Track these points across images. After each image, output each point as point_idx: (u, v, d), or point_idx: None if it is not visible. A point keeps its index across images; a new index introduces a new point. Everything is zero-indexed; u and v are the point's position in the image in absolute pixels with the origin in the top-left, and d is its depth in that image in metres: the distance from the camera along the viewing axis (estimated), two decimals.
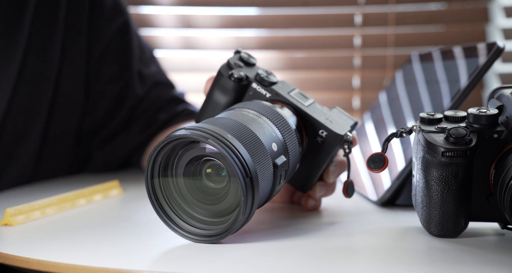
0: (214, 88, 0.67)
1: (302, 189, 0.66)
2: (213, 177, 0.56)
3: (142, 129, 0.95)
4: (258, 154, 0.53)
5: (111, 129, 0.95)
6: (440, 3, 1.33)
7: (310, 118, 0.64)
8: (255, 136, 0.55)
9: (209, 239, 0.54)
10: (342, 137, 0.63)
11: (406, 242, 0.56)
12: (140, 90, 0.96)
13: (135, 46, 0.97)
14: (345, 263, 0.50)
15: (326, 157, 0.64)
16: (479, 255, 0.52)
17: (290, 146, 0.59)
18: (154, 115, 0.96)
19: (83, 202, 0.72)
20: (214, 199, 0.55)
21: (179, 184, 0.56)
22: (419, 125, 0.58)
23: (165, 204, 0.55)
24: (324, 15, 1.33)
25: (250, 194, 0.52)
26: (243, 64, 0.69)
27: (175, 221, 0.55)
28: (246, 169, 0.51)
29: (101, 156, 0.95)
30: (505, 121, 0.55)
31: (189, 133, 0.52)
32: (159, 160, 0.55)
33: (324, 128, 0.63)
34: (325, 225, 0.64)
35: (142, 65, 0.97)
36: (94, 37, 0.93)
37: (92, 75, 0.94)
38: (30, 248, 0.55)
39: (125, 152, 0.96)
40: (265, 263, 0.50)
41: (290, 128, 0.60)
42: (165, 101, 0.97)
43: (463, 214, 0.56)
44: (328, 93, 1.34)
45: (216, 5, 1.35)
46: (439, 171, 0.55)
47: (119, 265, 0.50)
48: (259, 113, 0.59)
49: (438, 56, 0.82)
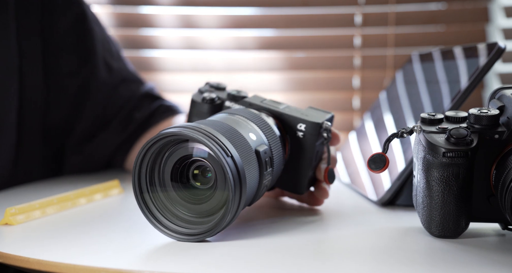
0: (191, 116, 0.71)
1: (297, 191, 0.67)
2: (200, 178, 0.56)
3: (120, 130, 0.94)
4: (240, 146, 0.55)
5: (85, 130, 0.94)
6: (440, 3, 1.33)
7: (287, 117, 0.65)
8: (236, 131, 0.57)
9: (196, 237, 0.54)
10: (320, 125, 0.65)
11: (407, 242, 0.56)
12: (107, 83, 0.94)
13: (98, 39, 0.95)
14: (346, 263, 0.50)
15: (311, 150, 0.65)
16: (480, 255, 0.52)
17: (273, 144, 0.61)
18: (130, 114, 0.95)
19: (84, 202, 0.72)
20: (201, 199, 0.56)
21: (166, 185, 0.56)
22: (420, 126, 0.58)
23: (151, 204, 0.56)
24: (324, 15, 1.33)
25: (238, 190, 0.52)
26: (213, 89, 0.72)
27: (160, 220, 0.55)
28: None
29: (78, 159, 0.94)
30: (506, 121, 0.55)
31: (179, 130, 0.53)
32: (147, 159, 0.55)
33: (301, 121, 0.65)
34: (325, 224, 0.64)
35: (110, 57, 0.96)
36: (48, 29, 0.91)
37: (52, 68, 0.92)
38: (30, 247, 0.55)
39: (105, 154, 0.95)
40: (264, 263, 0.50)
41: (271, 129, 0.62)
42: (139, 98, 0.96)
43: (464, 214, 0.56)
44: (328, 93, 1.34)
45: (217, 5, 1.35)
46: (440, 172, 0.55)
47: (120, 265, 0.50)
48: (245, 117, 0.61)
49: (439, 56, 0.82)
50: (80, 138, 0.94)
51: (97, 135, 0.94)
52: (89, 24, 0.94)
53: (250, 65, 1.36)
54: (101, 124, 0.95)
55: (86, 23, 0.94)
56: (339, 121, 1.35)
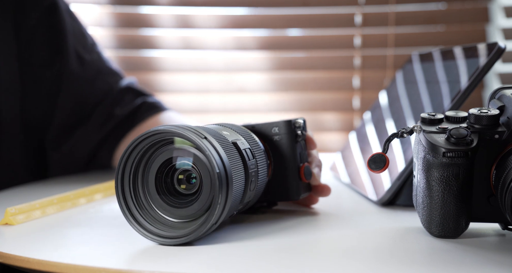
0: None
1: (290, 197, 0.66)
2: (185, 183, 0.56)
3: (99, 125, 0.93)
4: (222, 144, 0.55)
5: (61, 124, 0.93)
6: (440, 3, 1.33)
7: (259, 126, 0.66)
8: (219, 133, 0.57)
9: (185, 238, 0.53)
10: (293, 123, 0.66)
11: (407, 242, 0.56)
12: (80, 75, 0.93)
13: (69, 30, 0.94)
14: (346, 263, 0.50)
15: (292, 150, 0.65)
16: (480, 255, 0.52)
17: (254, 149, 0.61)
18: (110, 109, 0.94)
19: (84, 201, 0.72)
20: (186, 202, 0.55)
21: (149, 187, 0.55)
22: (420, 126, 0.58)
23: (133, 205, 0.55)
24: (324, 15, 1.33)
25: (225, 188, 0.52)
26: None
27: (140, 223, 0.55)
28: None
29: (57, 155, 0.93)
30: (506, 121, 0.55)
31: (167, 128, 0.53)
32: (131, 160, 0.55)
33: (274, 125, 0.66)
34: (325, 224, 0.64)
35: (82, 50, 0.95)
36: (20, 19, 0.91)
37: (25, 60, 0.92)
38: (30, 247, 0.55)
39: (84, 151, 0.94)
40: (265, 263, 0.50)
41: (254, 138, 0.63)
42: (118, 92, 0.95)
43: (464, 214, 0.56)
44: (328, 93, 1.34)
45: (216, 5, 1.35)
46: (440, 172, 0.55)
47: (120, 265, 0.50)
48: (228, 127, 0.62)
49: (439, 56, 0.82)
50: (58, 132, 0.93)
51: (75, 131, 0.93)
52: (60, 16, 0.94)
53: (249, 65, 1.36)
54: (79, 119, 0.94)
55: (57, 14, 0.93)
56: (339, 121, 1.35)
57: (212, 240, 0.55)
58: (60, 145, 0.93)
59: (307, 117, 0.73)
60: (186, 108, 1.34)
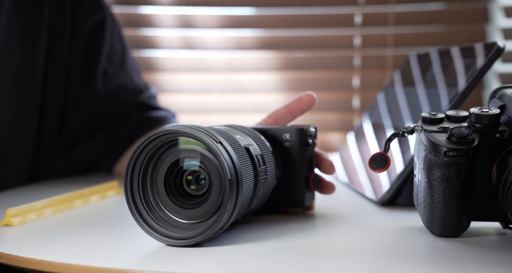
0: None
1: (296, 205, 0.66)
2: (194, 184, 0.56)
3: (104, 141, 0.93)
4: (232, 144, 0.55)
5: (70, 135, 0.93)
6: (440, 3, 1.33)
7: (271, 130, 0.65)
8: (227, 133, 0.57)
9: (192, 239, 0.53)
10: (305, 131, 0.65)
11: (409, 241, 0.56)
12: (101, 92, 0.93)
13: (105, 47, 0.94)
14: (347, 263, 0.50)
15: (301, 158, 0.65)
16: (481, 254, 0.52)
17: (265, 153, 0.61)
18: (117, 126, 0.93)
19: (83, 203, 0.72)
20: (195, 203, 0.55)
21: (158, 188, 0.55)
22: (421, 125, 0.58)
23: (142, 206, 0.55)
24: (324, 15, 1.33)
25: (235, 191, 0.52)
26: None
27: (149, 223, 0.55)
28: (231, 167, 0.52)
29: (58, 164, 0.93)
30: (507, 120, 0.55)
31: (176, 128, 0.53)
32: (141, 160, 0.55)
33: (286, 131, 0.65)
34: (325, 224, 0.64)
35: (109, 66, 0.95)
36: (75, 33, 0.91)
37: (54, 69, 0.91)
38: (31, 248, 0.55)
39: (81, 166, 0.94)
40: (264, 263, 0.50)
41: (263, 140, 0.63)
42: (130, 109, 0.94)
43: (465, 213, 0.56)
44: (328, 93, 1.34)
45: (216, 5, 1.35)
46: (442, 171, 0.55)
47: (121, 265, 0.50)
48: (242, 132, 0.61)
49: (436, 56, 0.82)
50: (64, 143, 0.93)
51: (79, 143, 0.93)
52: (104, 32, 0.94)
53: (249, 65, 1.36)
54: (85, 133, 0.93)
55: (103, 31, 0.94)
56: (339, 121, 1.35)
57: (219, 241, 0.55)
58: (64, 154, 0.93)
59: (307, 117, 0.73)
60: (186, 108, 1.34)
